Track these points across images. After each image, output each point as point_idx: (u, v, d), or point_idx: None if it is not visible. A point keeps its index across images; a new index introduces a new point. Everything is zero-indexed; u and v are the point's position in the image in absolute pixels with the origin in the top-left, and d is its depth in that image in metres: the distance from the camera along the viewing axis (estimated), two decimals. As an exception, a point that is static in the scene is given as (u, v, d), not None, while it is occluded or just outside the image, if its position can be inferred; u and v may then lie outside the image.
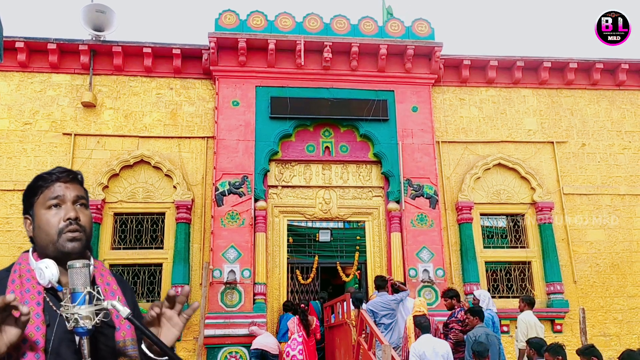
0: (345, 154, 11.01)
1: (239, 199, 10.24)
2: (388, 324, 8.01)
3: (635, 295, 10.73)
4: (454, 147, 11.27)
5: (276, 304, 10.24)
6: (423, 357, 6.45)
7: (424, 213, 10.60)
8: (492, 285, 10.75)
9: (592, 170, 11.36)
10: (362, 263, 10.86)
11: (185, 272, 9.86)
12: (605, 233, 11.02)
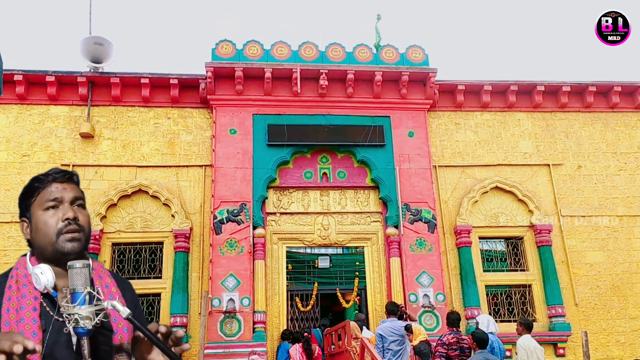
0: (342, 179, 11.04)
1: (237, 226, 10.23)
2: (397, 351, 7.91)
3: (637, 317, 10.66)
4: (451, 171, 11.32)
5: (276, 333, 10.14)
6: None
7: (423, 237, 10.58)
8: (493, 309, 10.68)
9: (589, 192, 11.39)
10: (362, 289, 10.80)
11: (184, 302, 9.78)
12: (605, 254, 11.00)
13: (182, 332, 1.53)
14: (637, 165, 11.67)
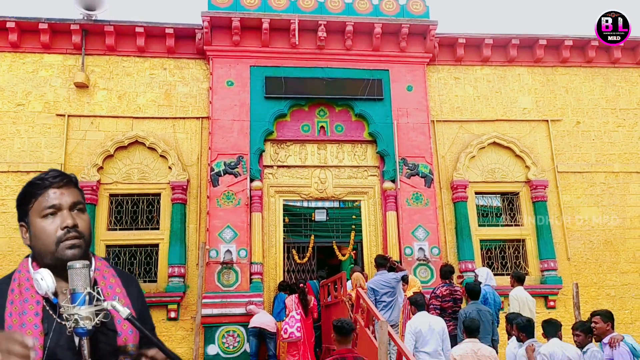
0: (340, 133, 11.00)
1: (234, 179, 10.24)
2: (388, 302, 8.07)
3: (628, 271, 10.85)
4: (449, 126, 11.28)
5: (273, 284, 10.30)
6: (419, 334, 6.53)
7: (419, 192, 10.64)
8: (487, 263, 10.83)
9: (587, 148, 11.40)
10: (358, 242, 10.92)
11: (181, 253, 9.89)
12: (599, 210, 11.10)
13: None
14: (636, 122, 11.65)
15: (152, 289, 9.74)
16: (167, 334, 9.60)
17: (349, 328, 4.63)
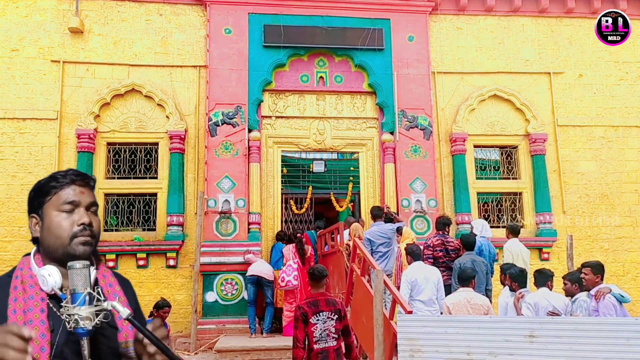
0: (339, 84, 10.87)
1: (232, 129, 10.18)
2: (385, 252, 8.21)
3: (623, 225, 10.96)
4: (450, 78, 11.14)
5: (270, 234, 10.40)
6: (415, 284, 6.66)
7: (418, 144, 10.61)
8: (484, 216, 10.92)
9: (588, 101, 11.30)
10: (356, 194, 10.96)
11: (180, 202, 9.93)
12: (597, 164, 11.11)
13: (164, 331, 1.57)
14: (638, 75, 11.50)
15: (151, 237, 9.83)
16: (167, 281, 9.76)
17: (319, 275, 5.00)
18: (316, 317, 4.77)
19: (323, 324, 4.80)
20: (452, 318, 5.02)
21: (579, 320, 4.68)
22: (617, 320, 4.45)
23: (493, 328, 4.28)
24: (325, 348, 4.76)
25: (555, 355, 3.99)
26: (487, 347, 4.22)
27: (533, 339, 4.09)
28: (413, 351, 4.50)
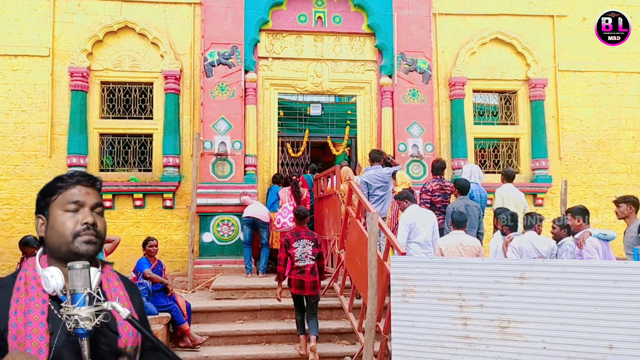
0: (338, 25, 10.60)
1: (228, 70, 10.01)
2: (381, 196, 8.28)
3: (618, 172, 11.00)
4: (451, 20, 10.87)
5: (267, 176, 10.42)
6: (412, 227, 6.76)
7: (417, 88, 10.48)
8: (480, 161, 10.94)
9: (590, 46, 11.09)
10: (353, 138, 10.91)
11: (175, 143, 9.88)
12: (596, 110, 11.03)
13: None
14: (644, 19, 11.26)
15: (147, 178, 9.84)
16: (164, 221, 9.84)
17: (303, 215, 6.67)
18: (297, 242, 6.42)
19: (302, 248, 6.42)
20: (444, 259, 5.10)
21: (568, 262, 4.77)
22: (605, 263, 4.53)
23: (484, 270, 4.36)
24: (303, 266, 6.35)
25: (544, 297, 4.08)
26: (478, 287, 4.31)
27: (523, 280, 4.17)
28: (405, 291, 4.60)
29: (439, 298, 4.43)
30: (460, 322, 4.32)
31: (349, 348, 6.42)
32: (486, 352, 4.18)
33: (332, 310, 7.29)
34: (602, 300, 3.90)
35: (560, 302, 3.98)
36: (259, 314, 7.25)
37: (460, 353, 4.24)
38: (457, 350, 4.26)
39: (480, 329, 4.22)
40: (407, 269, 4.62)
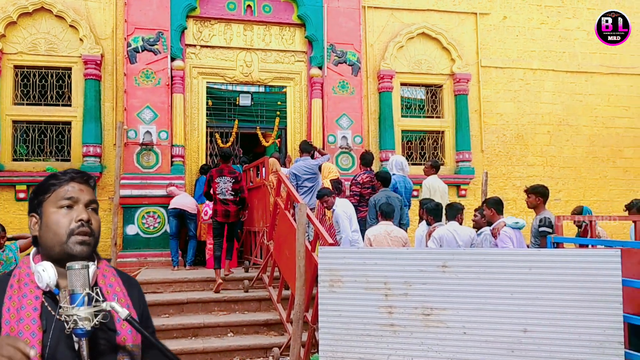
0: (268, 14, 10.48)
1: (153, 56, 9.66)
2: (310, 187, 8.33)
3: (534, 164, 11.59)
4: (380, 14, 11.03)
5: (195, 167, 10.18)
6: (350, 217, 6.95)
7: (346, 80, 10.56)
8: (407, 153, 11.19)
9: (510, 43, 11.59)
10: (283, 129, 10.86)
11: (97, 132, 9.44)
12: (515, 105, 11.56)
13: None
14: (558, 20, 11.87)
15: (65, 168, 9.32)
16: (84, 214, 9.39)
17: (227, 155, 8.06)
18: (219, 178, 7.70)
19: (224, 184, 7.66)
20: (371, 250, 5.18)
21: (487, 251, 4.97)
22: (521, 251, 4.75)
23: (409, 259, 4.45)
24: (224, 199, 7.65)
25: (464, 284, 4.22)
26: (403, 276, 4.40)
27: (445, 268, 4.30)
28: (333, 281, 4.63)
29: (366, 287, 4.49)
30: (386, 311, 4.40)
31: (277, 339, 6.41)
32: (410, 338, 4.28)
33: (260, 302, 7.25)
34: (517, 286, 4.09)
35: (480, 289, 4.14)
36: (186, 307, 7.09)
37: (385, 341, 4.32)
38: (383, 338, 4.34)
39: (404, 316, 4.32)
40: (335, 260, 4.65)
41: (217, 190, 7.64)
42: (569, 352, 3.89)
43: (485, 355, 4.04)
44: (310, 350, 5.49)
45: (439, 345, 4.17)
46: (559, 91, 11.77)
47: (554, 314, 3.97)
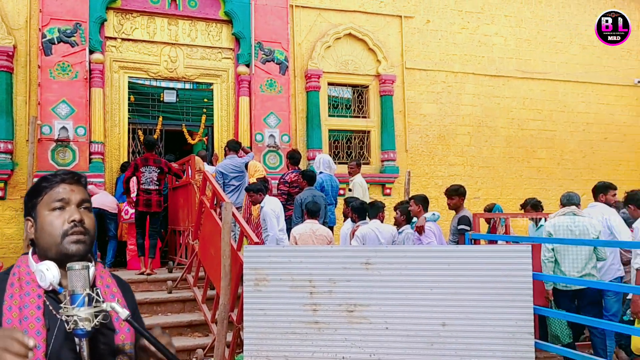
0: (193, 9, 10.26)
1: (71, 49, 9.20)
2: (237, 186, 8.26)
3: (455, 164, 12.05)
4: (308, 13, 11.07)
5: (115, 165, 9.80)
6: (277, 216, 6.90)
7: (274, 79, 10.52)
8: (334, 152, 11.31)
9: (433, 47, 11.98)
10: (209, 126, 10.67)
11: (8, 127, 8.86)
12: (437, 107, 11.96)
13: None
14: (478, 25, 12.39)
15: (-28, 166, 8.74)
16: (-6, 214, 8.83)
17: (152, 143, 8.06)
18: (144, 168, 7.69)
19: (149, 174, 7.70)
20: (295, 248, 5.20)
21: (408, 248, 5.11)
22: (439, 248, 4.92)
23: (333, 257, 4.50)
24: (147, 189, 7.66)
25: (387, 280, 4.32)
26: (327, 274, 4.44)
27: (369, 266, 4.38)
28: (258, 280, 4.60)
29: (291, 286, 4.50)
30: (311, 308, 4.43)
31: (202, 340, 6.29)
32: (334, 335, 4.33)
33: (184, 303, 7.09)
34: (437, 282, 4.23)
35: (401, 285, 4.25)
36: (105, 311, 6.81)
37: (310, 338, 4.35)
38: (307, 336, 4.36)
39: (329, 314, 4.36)
40: (260, 258, 4.62)
41: (141, 180, 7.67)
42: (484, 344, 4.07)
43: (406, 349, 4.16)
44: (235, 350, 5.43)
45: (362, 341, 4.24)
46: (479, 94, 12.29)
47: (470, 308, 4.15)
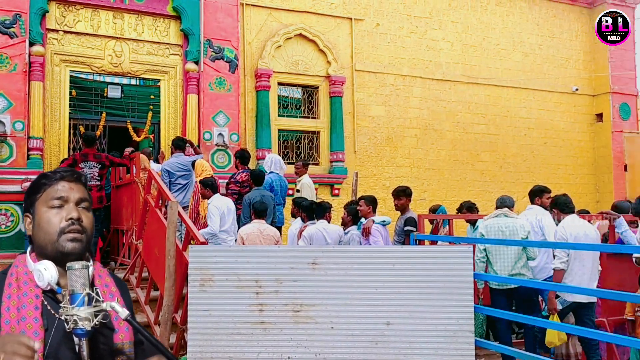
0: (140, 3, 10.01)
1: (9, 40, 8.81)
2: (184, 184, 8.13)
3: (403, 165, 12.26)
4: (258, 12, 11.02)
5: (55, 161, 9.43)
6: (222, 215, 6.83)
7: (223, 77, 10.41)
8: (283, 152, 11.30)
9: (382, 50, 12.15)
10: (156, 124, 10.45)
11: (-62, 120, 8.41)
12: (386, 109, 12.14)
13: None
14: (425, 30, 12.66)
15: None
16: None
17: (91, 138, 7.99)
18: (84, 163, 7.58)
19: (89, 169, 7.61)
20: (242, 248, 5.16)
21: (354, 249, 5.17)
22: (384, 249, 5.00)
23: (280, 257, 4.49)
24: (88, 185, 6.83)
25: (333, 280, 4.35)
26: (274, 274, 4.42)
27: (315, 266, 4.40)
28: (204, 280, 4.53)
29: (237, 286, 4.46)
30: (257, 309, 4.40)
31: (145, 343, 6.14)
32: (280, 335, 4.32)
33: (127, 305, 6.90)
34: (382, 281, 4.29)
35: (347, 284, 4.29)
36: (42, 313, 6.55)
37: (256, 339, 4.32)
38: (253, 336, 4.33)
39: (275, 314, 4.35)
40: (206, 258, 4.56)
41: None
42: (427, 342, 4.16)
43: (351, 348, 4.20)
44: (179, 352, 5.33)
45: (307, 341, 4.25)
46: (426, 97, 12.56)
47: (414, 307, 4.23)
